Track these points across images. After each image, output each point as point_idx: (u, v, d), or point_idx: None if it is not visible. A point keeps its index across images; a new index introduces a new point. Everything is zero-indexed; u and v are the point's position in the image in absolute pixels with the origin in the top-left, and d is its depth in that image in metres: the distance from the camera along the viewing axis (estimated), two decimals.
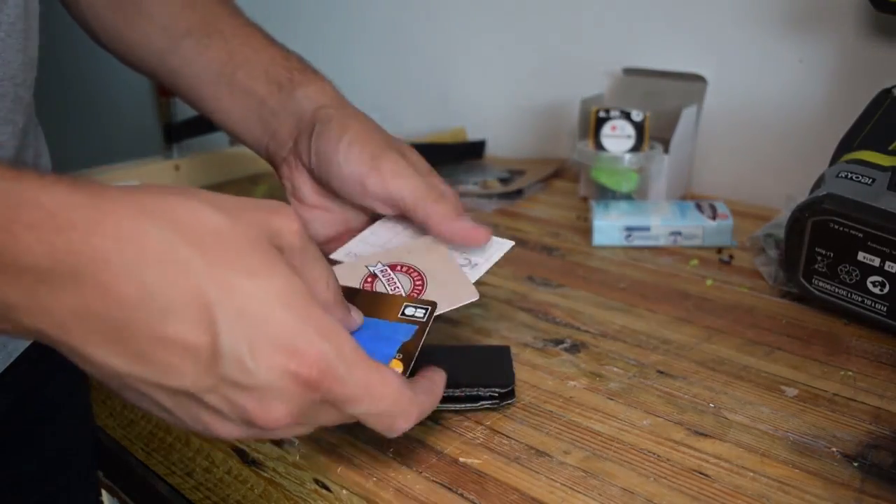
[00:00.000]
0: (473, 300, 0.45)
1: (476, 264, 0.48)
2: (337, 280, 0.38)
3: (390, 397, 0.33)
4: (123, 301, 0.27)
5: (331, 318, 0.32)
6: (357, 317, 0.40)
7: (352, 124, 0.49)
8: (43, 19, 0.49)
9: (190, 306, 0.28)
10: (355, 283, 0.46)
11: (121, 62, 0.59)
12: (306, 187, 0.52)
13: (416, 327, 0.41)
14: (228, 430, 0.32)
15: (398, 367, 0.39)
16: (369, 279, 0.46)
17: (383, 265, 0.47)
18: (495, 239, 0.50)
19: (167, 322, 0.28)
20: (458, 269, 0.47)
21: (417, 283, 0.45)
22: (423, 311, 0.42)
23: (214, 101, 0.55)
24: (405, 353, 0.40)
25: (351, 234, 0.53)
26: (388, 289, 0.45)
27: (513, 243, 0.50)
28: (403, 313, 0.42)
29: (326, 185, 0.50)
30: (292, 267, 0.33)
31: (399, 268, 0.47)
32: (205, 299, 0.28)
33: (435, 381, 0.39)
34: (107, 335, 0.28)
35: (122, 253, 0.27)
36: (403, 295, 0.44)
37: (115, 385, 0.30)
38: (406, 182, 0.48)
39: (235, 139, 0.57)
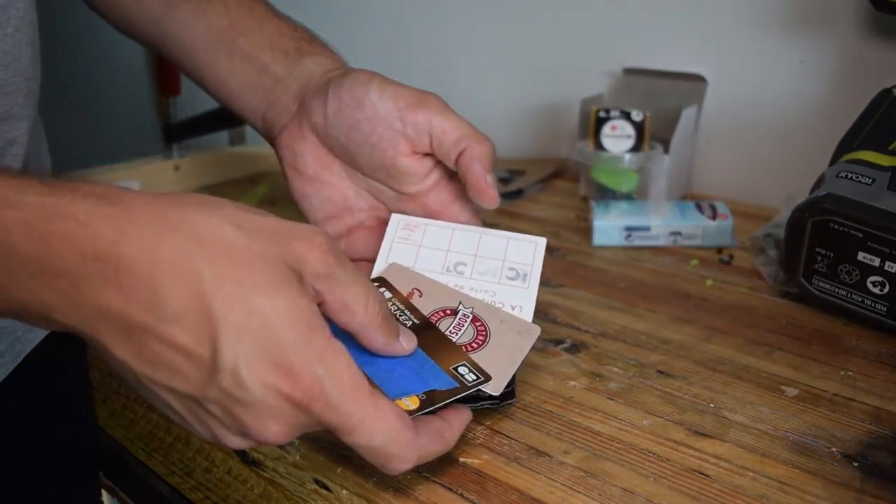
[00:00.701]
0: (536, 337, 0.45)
1: (525, 274, 0.48)
2: (384, 303, 0.37)
3: (384, 434, 0.33)
4: (138, 305, 0.30)
5: (336, 346, 0.32)
6: (406, 343, 0.40)
7: (377, 75, 0.49)
8: (43, 19, 0.49)
9: (195, 316, 0.30)
10: (431, 306, 0.45)
11: (115, 29, 0.58)
12: (309, 155, 0.50)
13: (457, 386, 0.40)
14: (231, 441, 0.33)
15: (414, 403, 0.38)
16: (444, 312, 0.45)
17: (470, 311, 0.46)
18: (525, 238, 0.50)
19: (174, 328, 0.30)
20: (518, 327, 0.46)
21: (481, 335, 0.44)
22: (474, 378, 0.41)
23: (211, 67, 0.53)
24: (430, 396, 0.39)
25: (349, 214, 0.51)
26: (453, 332, 0.44)
27: (545, 239, 0.50)
28: (457, 369, 0.41)
29: (345, 137, 0.48)
30: (315, 292, 0.34)
31: (475, 320, 0.45)
32: (209, 311, 0.30)
33: (451, 425, 0.38)
34: (124, 335, 0.30)
35: (141, 260, 0.29)
36: (462, 348, 0.43)
37: (134, 383, 0.32)
38: (451, 118, 0.47)
39: (228, 108, 0.55)
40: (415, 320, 0.44)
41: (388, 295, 0.46)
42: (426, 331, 0.43)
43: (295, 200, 0.52)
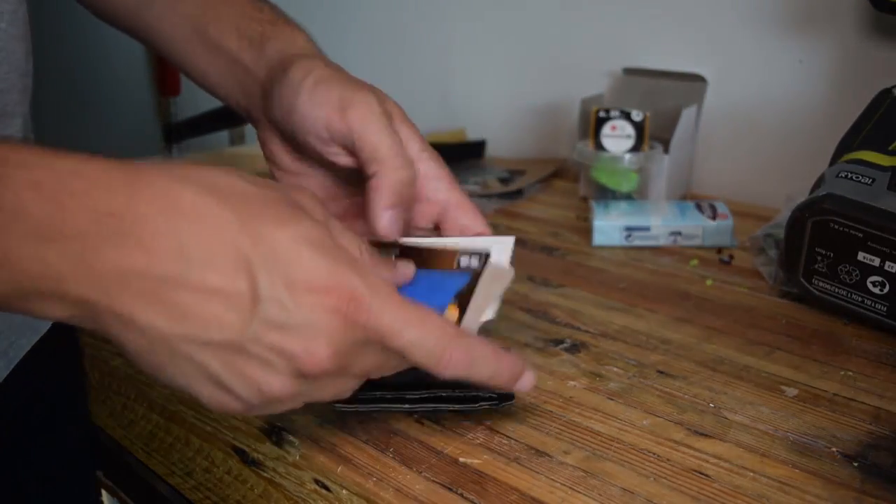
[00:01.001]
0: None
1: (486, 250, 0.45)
2: (369, 245, 0.38)
3: (432, 325, 0.34)
4: (163, 257, 0.29)
5: (365, 260, 0.34)
6: (406, 269, 0.41)
7: (318, 66, 0.44)
8: (43, 19, 0.49)
9: (226, 257, 0.30)
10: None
11: (95, 17, 0.56)
12: (279, 150, 0.48)
13: (471, 275, 0.40)
14: (280, 384, 0.32)
15: (454, 312, 0.39)
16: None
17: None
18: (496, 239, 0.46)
19: (206, 274, 0.29)
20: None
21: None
22: (478, 262, 0.41)
23: (191, 58, 0.52)
24: (460, 300, 0.39)
25: (334, 202, 0.50)
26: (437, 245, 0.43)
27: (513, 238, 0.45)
28: (458, 264, 0.41)
29: (293, 142, 0.46)
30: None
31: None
32: (240, 249, 0.30)
33: (504, 353, 0.38)
34: (149, 295, 0.29)
35: (159, 213, 0.29)
36: (457, 247, 0.43)
37: (160, 354, 0.31)
38: (373, 132, 0.42)
39: (219, 99, 0.53)
40: (395, 253, 0.44)
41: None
42: (410, 254, 0.43)
43: None
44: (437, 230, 0.47)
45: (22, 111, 0.46)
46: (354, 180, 0.48)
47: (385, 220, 0.42)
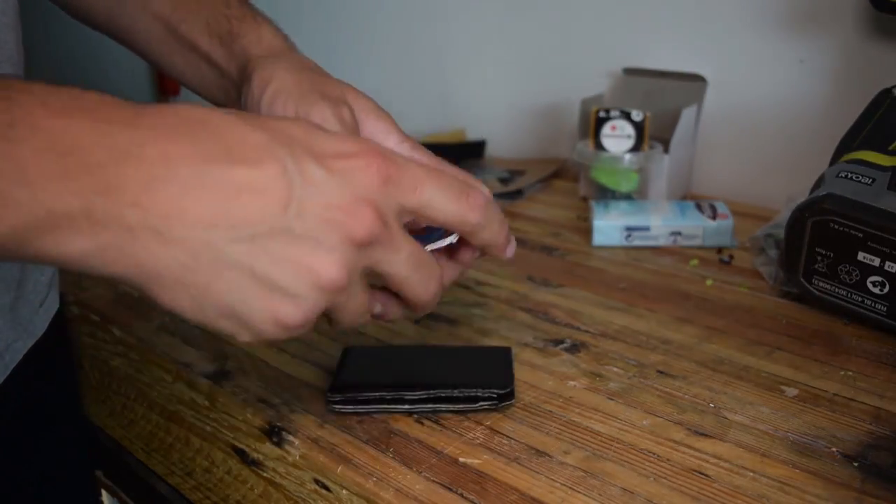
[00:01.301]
0: None
1: None
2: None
3: (448, 174, 0.35)
4: (183, 160, 0.28)
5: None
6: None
7: (277, 74, 0.45)
8: (43, 19, 0.49)
9: (244, 148, 0.29)
10: None
11: (72, 17, 0.56)
12: None
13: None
14: (332, 261, 0.31)
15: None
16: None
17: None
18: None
19: (229, 168, 0.29)
20: None
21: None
22: None
23: (167, 59, 0.52)
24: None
25: None
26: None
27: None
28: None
29: None
30: None
31: None
32: (255, 140, 0.30)
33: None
34: (181, 200, 0.28)
35: (170, 121, 0.29)
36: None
37: (204, 272, 0.29)
38: None
39: (201, 98, 0.53)
40: None
41: None
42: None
43: None
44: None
45: None
46: None
47: None
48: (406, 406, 0.46)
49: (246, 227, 0.29)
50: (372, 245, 0.32)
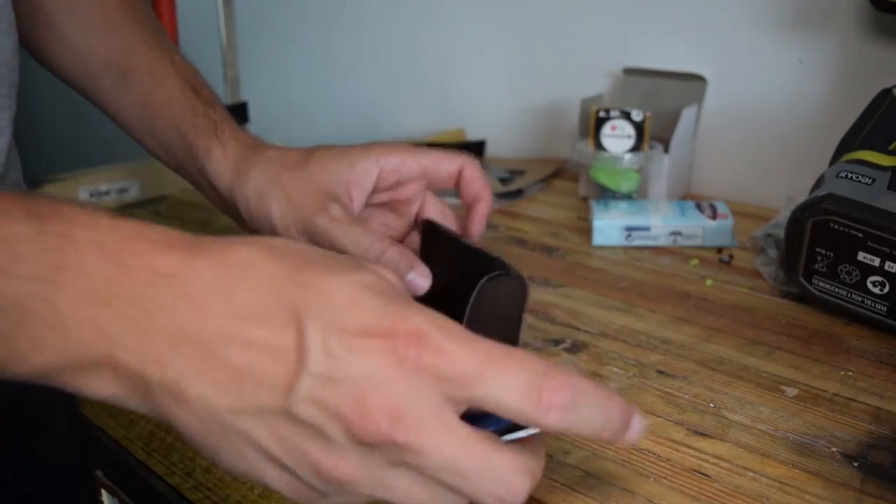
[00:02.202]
0: None
1: None
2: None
3: (520, 361, 0.27)
4: (213, 314, 0.27)
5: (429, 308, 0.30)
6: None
7: (270, 195, 0.48)
8: None
9: (274, 309, 0.27)
10: None
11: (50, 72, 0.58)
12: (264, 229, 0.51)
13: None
14: (336, 458, 0.27)
15: None
16: None
17: None
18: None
19: (252, 326, 0.27)
20: None
21: None
22: None
23: (146, 142, 0.55)
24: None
25: None
26: None
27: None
28: None
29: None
30: None
31: None
32: (288, 299, 0.27)
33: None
34: (199, 358, 0.27)
35: (213, 271, 0.28)
36: None
37: (217, 437, 0.28)
38: (342, 241, 0.46)
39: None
40: None
41: None
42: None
43: None
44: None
45: (10, 105, 0.46)
46: None
47: None
48: None
49: (251, 399, 0.27)
50: (390, 445, 0.26)
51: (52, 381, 0.28)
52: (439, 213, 0.53)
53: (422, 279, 0.44)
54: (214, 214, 0.81)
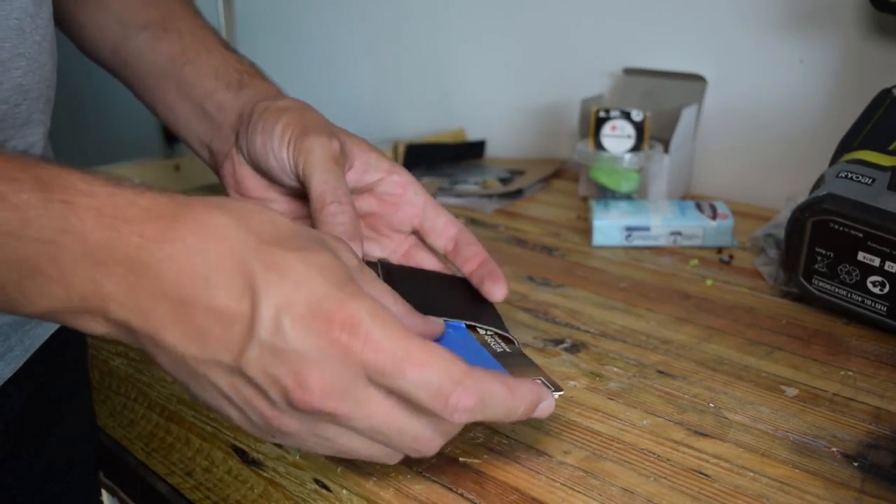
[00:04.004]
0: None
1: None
2: (402, 298, 0.38)
3: (438, 364, 0.31)
4: (188, 277, 0.31)
5: (378, 290, 0.33)
6: (434, 325, 0.40)
7: (286, 112, 0.48)
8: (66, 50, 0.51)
9: (235, 277, 0.31)
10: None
11: (80, 51, 0.59)
12: (250, 180, 0.51)
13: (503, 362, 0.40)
14: (278, 417, 0.32)
15: None
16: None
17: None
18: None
19: (217, 294, 0.31)
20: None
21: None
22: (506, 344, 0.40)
23: (160, 94, 0.54)
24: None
25: (303, 221, 0.51)
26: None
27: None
28: (488, 343, 0.41)
29: (268, 176, 0.50)
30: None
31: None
32: (249, 270, 0.31)
33: (520, 385, 0.35)
34: (173, 313, 0.31)
35: (194, 235, 0.31)
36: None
37: (186, 374, 0.32)
38: (317, 178, 0.45)
39: (177, 136, 0.56)
40: (507, 349, 0.44)
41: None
42: (516, 356, 0.43)
43: None
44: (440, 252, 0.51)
45: (45, 120, 0.48)
46: None
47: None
48: None
49: (212, 354, 0.31)
50: (322, 413, 0.31)
51: (55, 320, 0.32)
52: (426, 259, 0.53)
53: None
54: None
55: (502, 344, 0.45)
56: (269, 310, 0.30)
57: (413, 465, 0.42)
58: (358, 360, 0.31)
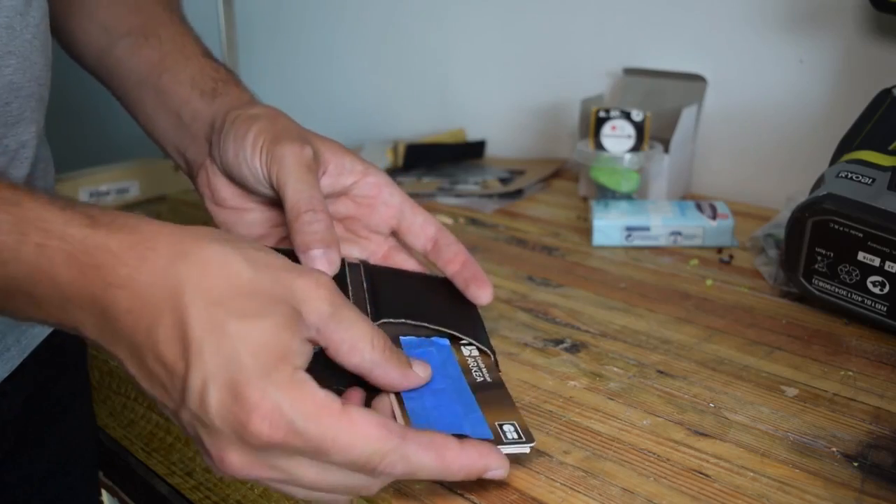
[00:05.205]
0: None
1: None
2: (388, 339, 0.37)
3: (363, 443, 0.32)
4: (143, 325, 0.32)
5: (302, 376, 0.32)
6: (421, 372, 0.39)
7: (258, 120, 0.48)
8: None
9: (175, 338, 0.32)
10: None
11: (67, 54, 0.59)
12: (225, 190, 0.50)
13: (491, 438, 0.38)
14: (214, 468, 0.34)
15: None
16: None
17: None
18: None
19: (160, 346, 0.32)
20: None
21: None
22: (514, 437, 0.38)
23: (140, 103, 0.55)
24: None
25: (278, 229, 0.51)
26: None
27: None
28: (501, 426, 0.39)
29: (242, 185, 0.49)
30: (318, 332, 0.34)
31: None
32: (187, 335, 0.31)
33: (461, 448, 0.35)
34: (131, 352, 0.33)
35: (152, 286, 0.32)
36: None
37: (150, 398, 0.35)
38: (290, 185, 0.45)
39: (157, 145, 0.56)
40: (487, 378, 0.43)
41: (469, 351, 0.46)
42: (494, 389, 0.42)
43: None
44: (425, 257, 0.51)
45: (37, 118, 0.48)
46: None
47: (313, 257, 0.43)
48: None
49: (160, 398, 0.34)
50: (256, 479, 0.34)
51: (38, 326, 0.36)
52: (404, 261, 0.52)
53: (326, 264, 0.43)
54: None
55: (484, 371, 0.44)
56: (197, 381, 0.31)
57: None
58: (278, 448, 0.32)
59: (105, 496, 0.74)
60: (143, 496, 0.68)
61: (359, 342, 0.35)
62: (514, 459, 0.42)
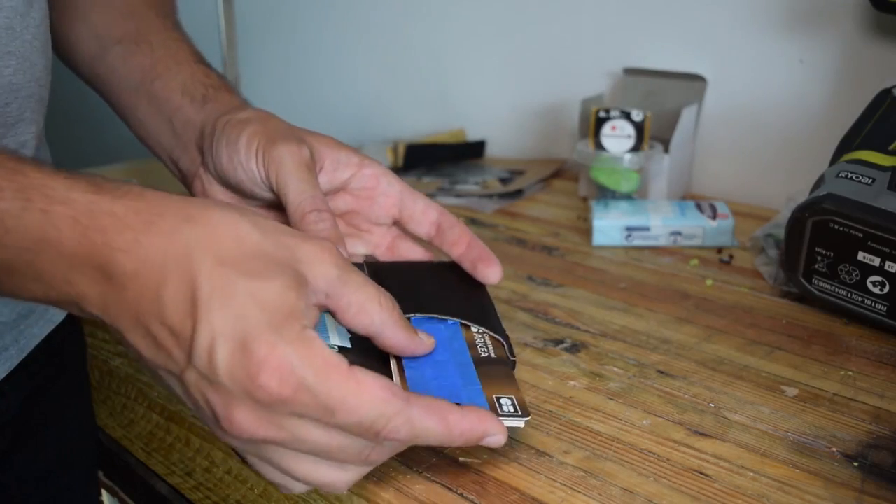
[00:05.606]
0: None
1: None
2: (394, 300, 0.37)
3: (369, 404, 0.32)
4: (148, 291, 0.32)
5: (311, 335, 0.32)
6: (427, 339, 0.39)
7: (251, 122, 0.47)
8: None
9: (185, 298, 0.31)
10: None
11: (58, 58, 0.59)
12: (222, 196, 0.50)
13: (487, 410, 0.38)
14: (219, 431, 0.33)
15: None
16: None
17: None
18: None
19: (165, 310, 0.32)
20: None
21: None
22: (511, 411, 0.38)
23: (132, 110, 0.54)
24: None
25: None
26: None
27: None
28: (498, 399, 0.39)
29: (238, 190, 0.49)
30: (327, 296, 0.34)
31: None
32: (195, 294, 0.31)
33: (462, 413, 0.35)
34: (135, 320, 0.32)
35: (158, 250, 0.32)
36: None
37: (148, 369, 0.34)
38: (291, 183, 0.44)
39: (151, 152, 0.55)
40: (492, 354, 0.43)
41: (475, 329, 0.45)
42: (498, 364, 0.42)
43: None
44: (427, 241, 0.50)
45: (37, 119, 0.48)
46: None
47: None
48: None
49: (164, 364, 0.33)
50: (260, 442, 0.33)
51: (37, 303, 0.35)
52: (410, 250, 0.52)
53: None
54: None
55: (489, 347, 0.44)
56: (206, 337, 0.31)
57: (413, 465, 0.42)
58: (286, 405, 0.31)
59: (105, 496, 0.74)
60: (142, 496, 0.68)
61: (367, 303, 0.35)
62: (515, 459, 0.42)
